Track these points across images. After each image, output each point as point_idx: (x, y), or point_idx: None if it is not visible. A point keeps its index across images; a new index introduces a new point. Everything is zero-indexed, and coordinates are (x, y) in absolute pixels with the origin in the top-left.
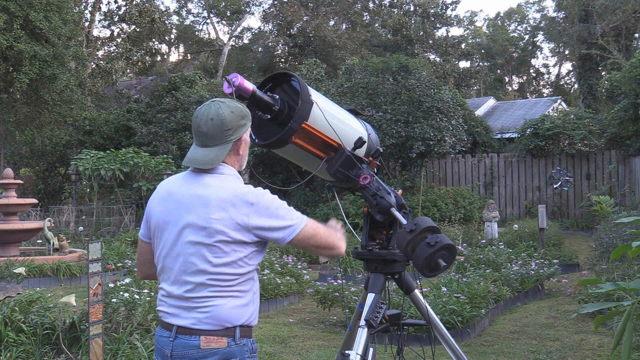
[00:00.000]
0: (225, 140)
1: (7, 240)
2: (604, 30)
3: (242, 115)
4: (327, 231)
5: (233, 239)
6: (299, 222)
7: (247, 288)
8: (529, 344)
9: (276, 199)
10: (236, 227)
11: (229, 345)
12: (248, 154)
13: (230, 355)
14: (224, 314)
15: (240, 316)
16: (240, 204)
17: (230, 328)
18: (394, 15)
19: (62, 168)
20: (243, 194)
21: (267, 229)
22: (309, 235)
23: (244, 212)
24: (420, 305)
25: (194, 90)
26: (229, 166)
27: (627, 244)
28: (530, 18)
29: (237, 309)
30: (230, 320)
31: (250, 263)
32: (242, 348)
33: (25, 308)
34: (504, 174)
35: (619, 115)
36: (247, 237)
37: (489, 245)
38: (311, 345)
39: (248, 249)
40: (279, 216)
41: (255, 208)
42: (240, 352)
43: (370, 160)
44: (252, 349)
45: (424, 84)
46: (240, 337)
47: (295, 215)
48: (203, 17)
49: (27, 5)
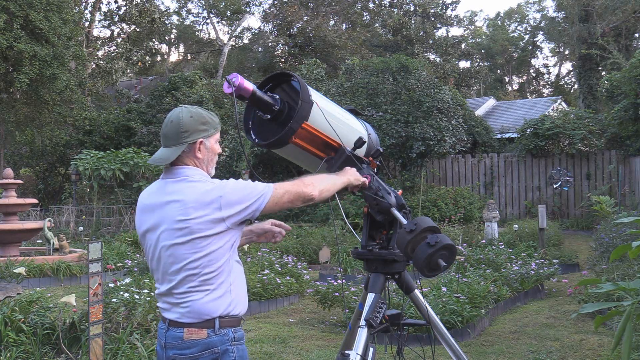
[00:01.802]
0: (180, 141)
1: (7, 240)
2: (604, 30)
3: (204, 122)
4: (294, 185)
5: (209, 234)
6: (267, 191)
7: (221, 280)
8: (529, 344)
9: (239, 182)
10: (209, 223)
11: (209, 336)
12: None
13: (211, 345)
14: (202, 308)
15: (217, 308)
16: (209, 201)
17: (210, 320)
18: (394, 15)
19: (62, 168)
20: (209, 191)
21: (240, 212)
22: (279, 196)
23: (215, 207)
24: (420, 305)
25: (194, 90)
26: (192, 167)
27: (627, 244)
28: (530, 18)
29: (213, 302)
30: (209, 313)
31: (223, 255)
32: (222, 337)
33: (25, 308)
34: (504, 174)
35: (619, 115)
36: (224, 227)
37: (489, 245)
38: (311, 345)
39: (222, 240)
40: (246, 196)
41: (225, 200)
42: (220, 341)
43: (370, 160)
44: (235, 338)
45: (424, 84)
46: (220, 327)
47: (260, 186)
48: (203, 17)
49: (27, 5)
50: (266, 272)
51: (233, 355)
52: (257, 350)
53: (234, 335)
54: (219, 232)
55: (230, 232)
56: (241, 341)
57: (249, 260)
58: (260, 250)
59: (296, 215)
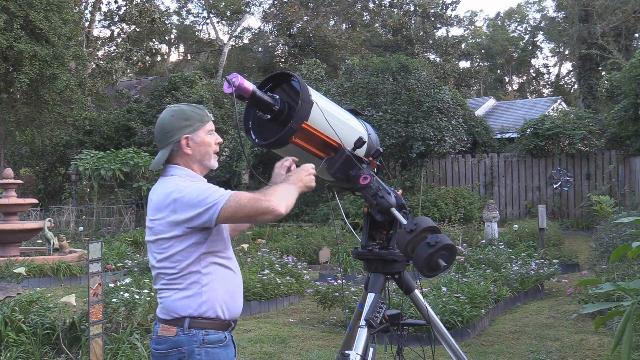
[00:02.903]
0: (167, 142)
1: (7, 240)
2: (604, 30)
3: (186, 117)
4: (253, 199)
5: (169, 236)
6: (220, 200)
7: (192, 280)
8: (529, 344)
9: (200, 186)
10: (168, 225)
11: (177, 335)
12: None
13: (179, 344)
14: (171, 305)
15: (186, 307)
16: (167, 204)
17: (179, 318)
18: (394, 15)
19: (62, 168)
20: (169, 194)
21: (193, 218)
22: (233, 210)
23: (171, 209)
24: (420, 305)
25: (194, 90)
26: (179, 167)
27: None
28: (530, 18)
29: (182, 301)
30: (177, 311)
31: (189, 257)
32: (190, 338)
33: (25, 308)
34: (504, 174)
35: (619, 115)
36: (180, 231)
37: (489, 245)
38: (311, 345)
39: (185, 243)
40: (200, 203)
41: (179, 203)
42: (188, 341)
43: (370, 160)
44: (204, 340)
45: (424, 84)
46: (189, 328)
47: (217, 194)
48: (203, 17)
49: (27, 5)
50: (266, 272)
51: (199, 357)
52: (257, 350)
53: (203, 337)
54: (178, 235)
55: (192, 236)
56: (215, 345)
57: (249, 260)
58: (260, 250)
59: (296, 215)
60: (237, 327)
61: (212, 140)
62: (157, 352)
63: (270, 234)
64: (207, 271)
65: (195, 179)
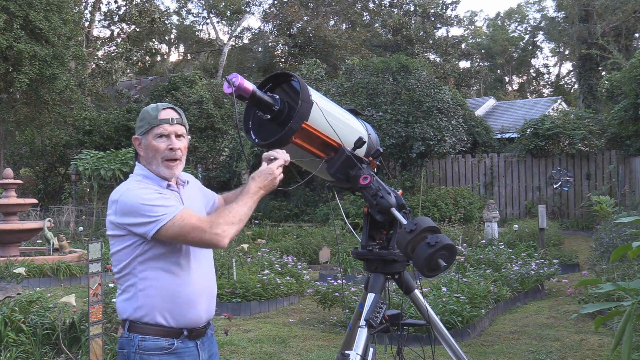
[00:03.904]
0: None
1: (7, 240)
2: (604, 30)
3: (141, 117)
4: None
5: (111, 234)
6: (163, 218)
7: (129, 283)
8: (529, 344)
9: (145, 194)
10: (110, 223)
11: (122, 336)
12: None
13: (121, 346)
14: (116, 305)
15: (124, 310)
16: (110, 204)
17: (123, 320)
18: (394, 15)
19: (62, 168)
20: (114, 193)
21: (130, 225)
22: (175, 233)
23: (112, 209)
24: (420, 305)
25: (194, 90)
26: (139, 165)
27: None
28: (530, 18)
29: (122, 303)
30: (119, 312)
31: (126, 258)
32: (128, 342)
33: (25, 308)
34: (504, 174)
35: (619, 115)
36: (119, 231)
37: (489, 245)
38: (311, 345)
39: (123, 244)
40: (140, 212)
41: (118, 206)
42: (127, 344)
43: (370, 160)
44: (139, 346)
45: (424, 84)
46: (128, 331)
47: (160, 210)
48: (203, 17)
49: (27, 5)
50: (266, 272)
51: None
52: (257, 350)
53: (139, 343)
54: (118, 235)
55: (131, 237)
56: (152, 352)
57: (249, 260)
58: (260, 250)
59: (296, 215)
60: (237, 327)
61: (160, 145)
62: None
63: (270, 234)
64: (145, 276)
65: (150, 181)
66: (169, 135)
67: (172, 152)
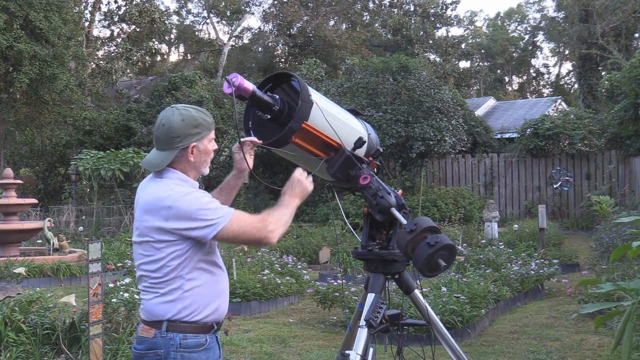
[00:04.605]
0: (173, 146)
1: (7, 240)
2: (604, 30)
3: (196, 125)
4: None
5: (155, 240)
6: (221, 221)
7: (175, 286)
8: (529, 344)
9: (198, 199)
10: (156, 229)
11: (155, 337)
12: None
13: (156, 346)
14: (151, 308)
15: (166, 311)
16: (159, 208)
17: (158, 321)
18: (394, 15)
19: (62, 168)
20: (162, 199)
21: (186, 229)
22: (234, 234)
23: (162, 215)
24: (420, 305)
25: (194, 90)
26: (175, 171)
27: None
28: (530, 18)
29: (162, 305)
30: (156, 314)
31: (173, 263)
32: (167, 341)
33: (25, 308)
34: (504, 174)
35: (619, 115)
36: (168, 236)
37: (489, 245)
38: (311, 345)
39: (170, 249)
40: (197, 217)
41: (172, 212)
42: (165, 344)
43: (370, 160)
44: (181, 345)
45: (424, 84)
46: (167, 331)
47: (217, 213)
48: (203, 17)
49: (27, 5)
50: (266, 272)
51: None
52: (257, 350)
53: (180, 341)
54: (167, 240)
55: (180, 243)
56: (193, 349)
57: (249, 260)
58: (260, 250)
59: (296, 216)
60: (237, 327)
61: (212, 148)
62: (136, 351)
63: None
64: (191, 277)
65: (189, 185)
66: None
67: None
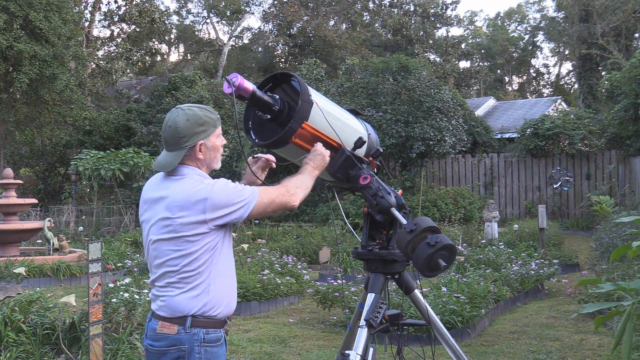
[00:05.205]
0: (181, 146)
1: (7, 240)
2: (604, 30)
3: (201, 123)
4: (279, 194)
5: (191, 234)
6: (252, 198)
7: (200, 280)
8: (529, 344)
9: (227, 185)
10: (192, 224)
11: (179, 333)
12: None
13: (179, 342)
14: (176, 304)
15: (192, 306)
16: (195, 202)
17: (182, 317)
18: (394, 15)
19: (62, 168)
20: (196, 192)
21: (224, 216)
22: (265, 206)
23: (199, 208)
24: (420, 305)
25: (194, 90)
26: (190, 166)
27: (627, 244)
28: (530, 18)
29: (189, 300)
30: (182, 310)
31: (202, 258)
32: (192, 337)
33: (25, 308)
34: (504, 174)
35: (619, 115)
36: (205, 228)
37: (489, 245)
38: (311, 345)
39: (204, 241)
40: (232, 201)
41: (209, 203)
42: (189, 340)
43: (370, 160)
44: (205, 339)
45: (424, 84)
46: (191, 327)
47: (246, 192)
48: (203, 17)
49: (27, 5)
50: (266, 272)
51: (199, 356)
52: (257, 350)
53: (204, 336)
54: (201, 233)
55: (213, 234)
56: (214, 344)
57: (249, 260)
58: (260, 250)
59: (296, 216)
60: (237, 327)
61: (220, 143)
62: (153, 349)
63: (270, 234)
64: (215, 270)
65: (208, 178)
66: (221, 134)
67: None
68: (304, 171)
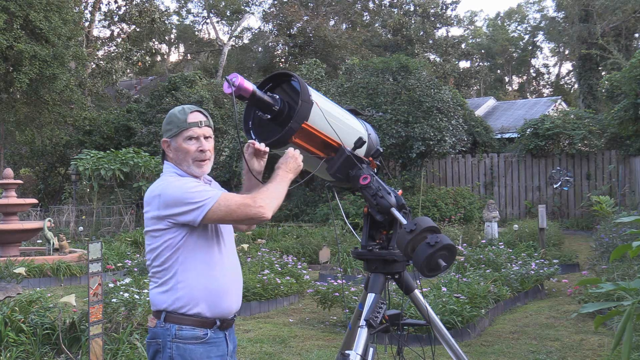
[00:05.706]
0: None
1: (7, 240)
2: (604, 30)
3: (169, 121)
4: (244, 204)
5: (152, 229)
6: (208, 202)
7: (169, 275)
8: (529, 344)
9: (185, 184)
10: (152, 219)
11: (156, 326)
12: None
13: (155, 336)
14: (152, 297)
15: (163, 301)
16: (152, 199)
17: (158, 311)
18: (394, 15)
19: (62, 168)
20: (154, 189)
21: (176, 215)
22: (223, 213)
23: (153, 205)
24: (420, 305)
25: (194, 90)
26: (170, 164)
27: (627, 244)
28: (530, 18)
29: (160, 295)
30: (156, 304)
31: (168, 252)
32: (165, 331)
33: (25, 308)
34: (504, 174)
35: (619, 115)
36: (162, 225)
37: (489, 245)
38: (311, 345)
39: (165, 237)
40: (185, 201)
41: (162, 199)
42: (163, 334)
43: (370, 160)
44: (177, 335)
45: (424, 84)
46: (165, 321)
47: (203, 195)
48: (203, 17)
49: (27, 5)
50: (266, 272)
51: (170, 352)
52: (257, 350)
53: (176, 332)
54: (161, 229)
55: (174, 231)
56: (188, 341)
57: (249, 260)
58: (260, 250)
59: (296, 216)
60: (237, 327)
61: (190, 147)
62: (147, 340)
63: (270, 234)
64: (185, 268)
65: (184, 176)
66: (199, 138)
67: (202, 154)
68: (275, 178)
